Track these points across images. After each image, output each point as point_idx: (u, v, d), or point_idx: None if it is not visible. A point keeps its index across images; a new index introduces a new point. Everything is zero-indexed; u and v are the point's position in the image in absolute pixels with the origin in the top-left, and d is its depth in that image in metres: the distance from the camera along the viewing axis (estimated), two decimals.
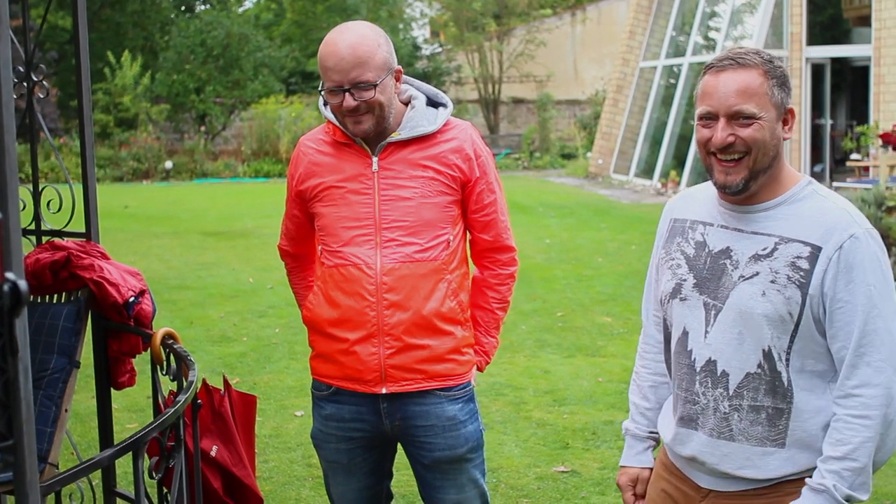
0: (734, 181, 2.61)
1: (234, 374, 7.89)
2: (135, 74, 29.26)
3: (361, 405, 3.42)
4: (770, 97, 2.58)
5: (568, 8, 38.22)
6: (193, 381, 3.18)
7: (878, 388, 2.53)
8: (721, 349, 2.66)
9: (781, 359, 2.60)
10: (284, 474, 5.87)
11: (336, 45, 3.22)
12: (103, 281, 3.90)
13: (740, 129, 2.58)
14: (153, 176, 27.27)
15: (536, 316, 9.92)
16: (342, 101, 3.22)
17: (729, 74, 2.59)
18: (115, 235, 15.41)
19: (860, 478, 2.54)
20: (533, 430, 6.53)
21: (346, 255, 3.33)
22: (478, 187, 3.42)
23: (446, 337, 3.37)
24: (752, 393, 2.63)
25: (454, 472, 3.46)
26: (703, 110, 2.62)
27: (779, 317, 2.58)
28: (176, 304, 10.60)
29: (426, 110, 3.41)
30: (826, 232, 2.56)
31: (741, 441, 2.65)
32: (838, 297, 2.54)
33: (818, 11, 22.12)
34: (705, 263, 2.71)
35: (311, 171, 3.44)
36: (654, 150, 23.81)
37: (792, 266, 2.57)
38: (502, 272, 3.56)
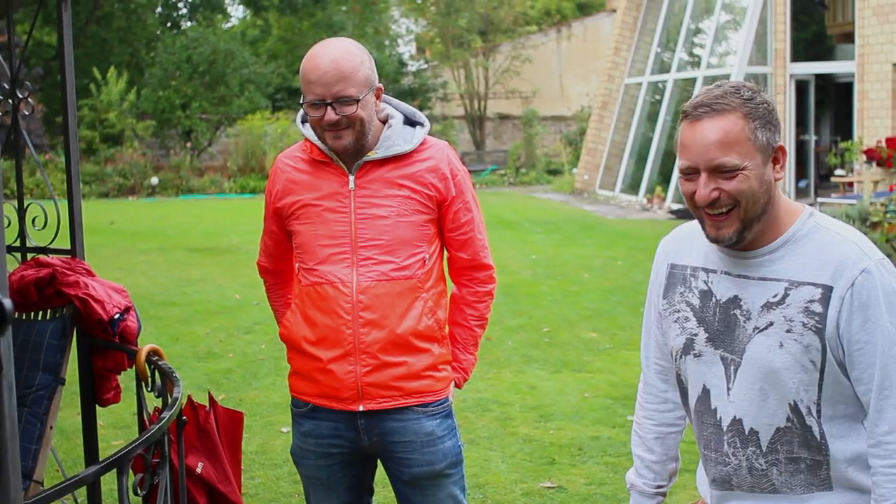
0: (726, 234, 2.46)
1: (220, 390, 7.86)
2: (120, 90, 29.24)
3: (339, 421, 3.41)
4: (753, 142, 2.42)
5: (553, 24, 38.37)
6: (178, 398, 3.17)
7: None
8: (746, 407, 2.52)
9: (812, 412, 2.47)
10: (271, 491, 5.86)
11: (320, 59, 3.23)
12: (88, 298, 3.90)
13: (724, 182, 2.42)
14: (139, 192, 27.23)
15: (522, 331, 9.92)
16: (323, 114, 3.23)
17: (706, 124, 2.41)
18: (100, 251, 15.37)
19: None
20: (519, 446, 6.52)
21: (323, 273, 3.34)
22: (454, 206, 3.43)
23: (423, 354, 3.37)
24: (787, 446, 2.50)
25: (433, 488, 3.45)
26: (683, 164, 2.47)
27: (801, 367, 2.44)
28: (162, 320, 10.57)
29: (403, 129, 3.41)
30: (836, 270, 2.41)
31: (786, 492, 2.54)
32: (855, 338, 2.39)
33: (802, 28, 22.27)
34: (715, 315, 2.57)
35: (289, 188, 3.44)
36: (640, 165, 23.88)
37: (806, 311, 2.42)
38: (480, 290, 3.56)
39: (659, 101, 23.81)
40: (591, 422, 7.02)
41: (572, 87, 35.56)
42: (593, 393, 7.75)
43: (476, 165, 33.06)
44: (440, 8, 34.84)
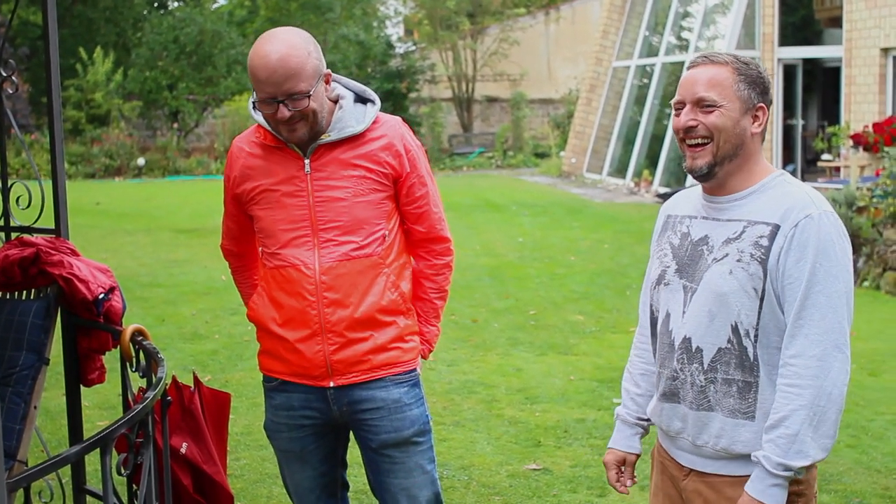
0: (699, 165, 2.79)
1: (206, 371, 7.86)
2: (107, 71, 29.12)
3: (310, 393, 3.49)
4: (735, 90, 2.77)
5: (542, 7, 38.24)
6: (162, 378, 3.17)
7: (812, 360, 2.64)
8: (695, 327, 2.81)
9: (749, 335, 2.73)
10: (256, 472, 5.86)
11: (267, 56, 3.22)
12: (73, 277, 3.89)
13: (703, 115, 2.78)
14: (125, 173, 27.15)
15: (509, 314, 9.93)
16: (276, 111, 3.25)
17: (700, 69, 2.81)
18: (86, 232, 15.32)
19: (795, 445, 2.63)
20: (505, 428, 6.54)
21: (285, 256, 3.40)
22: (409, 181, 3.48)
23: (388, 327, 3.45)
24: (725, 367, 2.77)
25: (401, 456, 3.51)
26: (675, 99, 2.84)
27: (745, 293, 2.72)
28: (147, 301, 10.55)
29: (354, 109, 3.44)
30: (786, 212, 2.72)
31: (718, 411, 2.78)
32: (789, 272, 2.69)
33: (790, 12, 22.23)
34: (686, 251, 2.88)
35: (245, 174, 3.48)
36: (627, 149, 23.88)
37: (755, 245, 2.73)
38: (437, 262, 3.63)
39: (647, 85, 23.78)
40: (576, 404, 7.04)
41: (560, 70, 35.49)
42: (579, 375, 7.76)
43: (464, 148, 33.03)
44: None
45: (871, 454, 6.12)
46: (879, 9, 17.63)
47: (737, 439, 2.76)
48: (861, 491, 5.58)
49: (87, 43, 31.23)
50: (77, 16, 34.31)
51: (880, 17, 17.63)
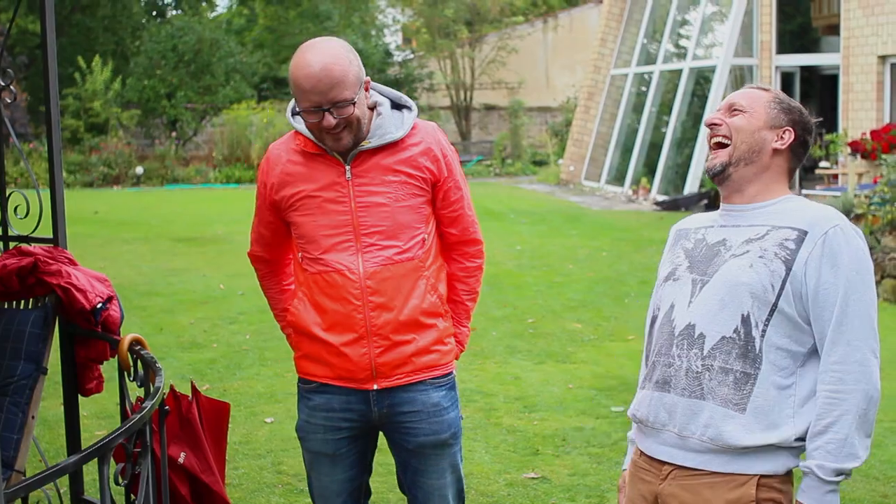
0: (715, 164, 2.94)
1: (204, 380, 7.85)
2: (105, 79, 29.13)
3: (351, 395, 3.52)
4: (766, 107, 2.94)
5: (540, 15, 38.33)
6: (160, 387, 3.17)
7: (854, 365, 2.74)
8: (701, 314, 2.87)
9: (758, 326, 2.80)
10: (254, 481, 5.85)
11: (310, 66, 3.26)
12: (71, 287, 3.89)
13: (729, 116, 2.95)
14: (124, 181, 27.16)
15: (507, 322, 9.93)
16: (321, 119, 3.29)
17: (745, 89, 3.02)
18: (84, 241, 15.32)
19: (845, 449, 2.70)
20: (503, 437, 6.53)
21: (328, 261, 3.44)
22: (445, 185, 3.54)
23: (430, 329, 3.52)
24: (724, 356, 2.82)
25: (436, 457, 3.59)
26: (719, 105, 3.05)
27: (762, 287, 2.79)
28: (146, 310, 10.54)
29: (392, 115, 3.49)
30: (813, 220, 2.81)
31: (709, 400, 2.82)
32: (823, 279, 2.76)
33: (788, 20, 22.26)
34: (701, 251, 2.97)
35: (285, 180, 3.50)
36: (625, 157, 23.90)
37: (780, 245, 2.81)
38: (470, 265, 3.69)
39: (645, 93, 23.81)
40: (574, 412, 7.03)
41: (558, 78, 35.55)
42: (577, 384, 7.76)
43: (462, 156, 33.04)
44: None
45: (868, 461, 6.11)
46: (877, 16, 17.66)
47: (724, 430, 2.79)
48: (859, 499, 5.57)
49: (85, 52, 31.27)
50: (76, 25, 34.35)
51: (878, 24, 17.66)
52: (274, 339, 9.14)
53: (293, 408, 7.30)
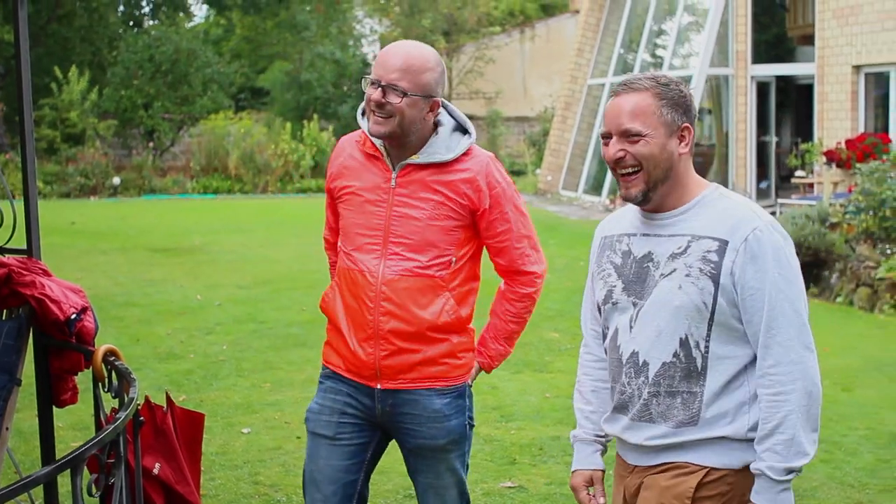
0: (633, 193, 2.89)
1: (181, 391, 7.84)
2: (82, 90, 28.99)
3: (359, 388, 3.66)
4: (658, 116, 2.85)
5: (517, 25, 38.40)
6: (134, 398, 3.16)
7: (790, 365, 2.78)
8: (641, 341, 2.91)
9: (700, 346, 2.84)
10: (230, 492, 5.84)
11: (396, 46, 3.53)
12: (45, 298, 3.88)
13: (630, 145, 2.85)
14: (101, 192, 27.03)
15: None
16: (373, 94, 3.46)
17: (622, 97, 2.88)
18: (61, 252, 15.25)
19: (793, 448, 2.75)
20: (480, 446, 6.53)
21: (356, 259, 3.61)
22: (489, 216, 3.62)
23: (441, 343, 3.61)
24: (669, 380, 2.87)
25: (433, 460, 3.69)
26: (602, 130, 2.93)
27: (694, 307, 2.82)
28: (122, 320, 10.51)
29: (450, 137, 3.60)
30: (732, 227, 2.82)
31: (660, 423, 2.89)
32: (748, 285, 2.79)
33: (763, 30, 22.40)
34: (631, 269, 2.96)
35: (341, 172, 3.71)
36: (603, 166, 23.92)
37: (703, 259, 2.82)
38: (518, 290, 3.75)
39: None
40: (551, 422, 7.05)
41: (536, 88, 35.61)
42: (554, 393, 7.78)
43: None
44: (404, 8, 34.83)
45: (844, 469, 6.15)
46: (851, 27, 17.80)
47: (678, 440, 2.87)
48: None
49: (62, 62, 31.10)
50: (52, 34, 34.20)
51: (852, 34, 17.79)
52: (251, 350, 9.13)
53: (270, 418, 7.31)
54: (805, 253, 12.05)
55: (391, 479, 5.93)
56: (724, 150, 22.03)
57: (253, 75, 36.03)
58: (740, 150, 21.40)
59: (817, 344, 2.88)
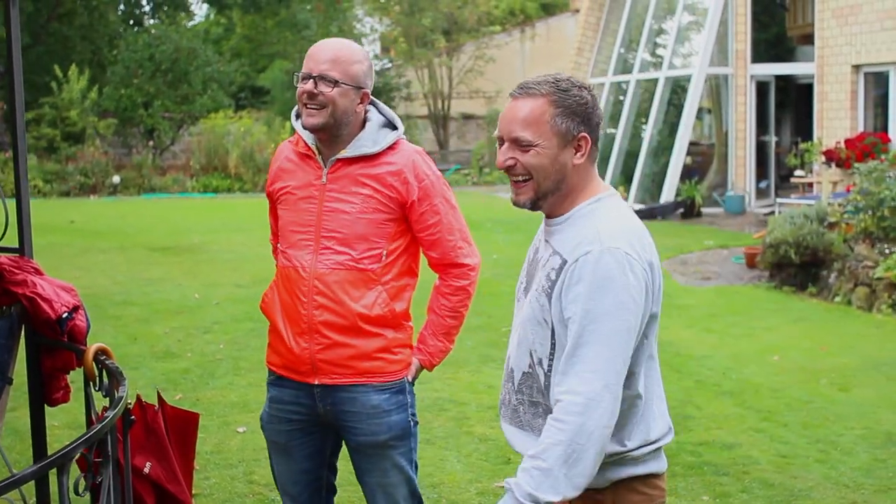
0: (522, 200, 2.83)
1: (178, 389, 7.84)
2: (82, 88, 29.01)
3: (299, 389, 3.73)
4: (551, 126, 2.74)
5: (517, 24, 38.41)
6: (123, 397, 3.16)
7: (579, 397, 2.61)
8: (512, 350, 2.94)
9: (542, 364, 2.79)
10: (225, 491, 5.84)
11: (325, 42, 3.66)
12: (36, 297, 3.87)
13: (520, 154, 2.77)
14: (100, 191, 27.05)
15: (482, 331, 9.94)
16: (305, 85, 3.56)
17: (518, 102, 2.78)
18: (60, 250, 15.27)
19: (547, 480, 2.58)
20: (475, 446, 6.54)
21: (290, 256, 3.70)
22: (418, 209, 3.67)
23: (375, 338, 3.65)
24: (529, 390, 2.86)
25: (377, 457, 3.72)
26: (496, 133, 2.87)
27: (537, 322, 2.79)
28: (120, 319, 10.50)
29: (377, 132, 3.68)
30: (574, 247, 2.73)
31: (528, 431, 2.86)
32: (566, 307, 2.70)
33: (763, 29, 22.40)
34: (531, 267, 2.94)
35: (278, 175, 3.81)
36: (602, 165, 23.94)
37: (547, 276, 2.78)
38: (453, 284, 3.81)
39: (622, 102, 23.89)
40: None
41: None
42: None
43: (439, 165, 33.02)
44: (404, 7, 34.83)
45: (839, 469, 6.15)
46: (850, 26, 17.79)
47: None
48: None
49: (62, 60, 31.11)
50: (52, 33, 34.21)
51: (851, 34, 17.79)
52: (248, 349, 9.12)
53: None
54: (803, 253, 12.05)
55: None
56: (723, 149, 22.04)
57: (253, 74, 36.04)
58: (740, 149, 21.40)
59: (815, 342, 2.86)
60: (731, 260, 14.76)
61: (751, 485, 5.89)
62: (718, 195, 21.50)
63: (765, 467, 6.16)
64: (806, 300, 11.82)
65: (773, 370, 8.46)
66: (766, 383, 8.04)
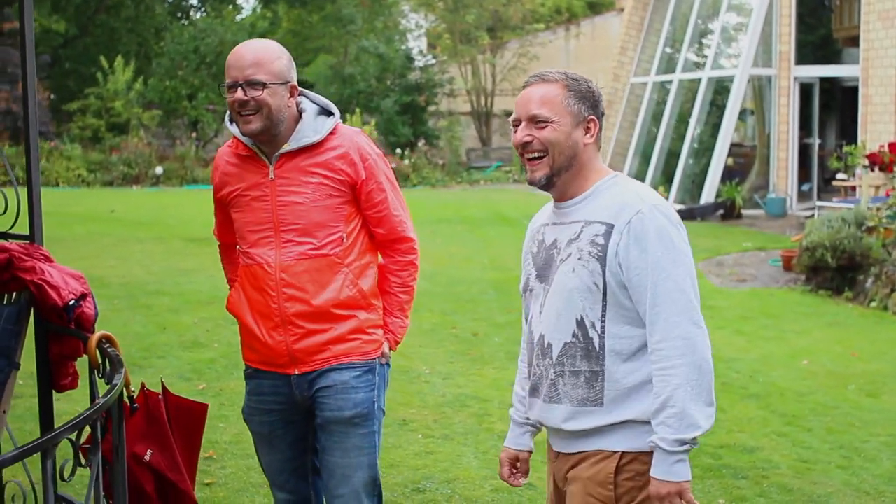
0: (538, 177, 3.04)
1: (202, 379, 7.87)
2: (127, 80, 29.29)
3: (277, 380, 3.81)
4: (566, 106, 3.02)
5: (562, 22, 38.29)
6: (117, 384, 3.17)
7: (676, 340, 2.88)
8: (546, 324, 3.05)
9: (595, 327, 2.97)
10: (240, 481, 5.85)
11: (241, 48, 3.66)
12: (44, 283, 3.89)
13: (537, 131, 3.01)
14: (143, 181, 27.29)
15: (510, 328, 9.90)
16: (235, 95, 3.59)
17: (533, 87, 3.06)
18: (100, 240, 15.42)
19: (684, 420, 2.85)
20: (493, 443, 6.51)
21: (253, 255, 3.76)
22: (366, 187, 3.76)
23: (348, 320, 3.74)
24: (571, 360, 3.00)
25: (340, 435, 3.76)
26: (513, 117, 3.09)
27: (587, 288, 2.95)
28: (151, 308, 10.57)
29: (314, 121, 3.75)
30: (617, 211, 2.96)
31: (566, 403, 3.02)
32: (633, 265, 2.91)
33: (810, 31, 22.18)
34: (542, 256, 3.12)
35: (224, 180, 3.86)
36: (644, 165, 23.84)
37: (592, 242, 2.96)
38: (401, 259, 3.92)
39: (664, 101, 23.75)
40: None
41: None
42: None
43: (481, 162, 33.07)
44: (448, 4, 34.82)
45: (861, 476, 6.07)
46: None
47: (585, 422, 2.99)
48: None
49: (108, 52, 31.43)
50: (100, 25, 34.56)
51: None
52: None
53: None
54: (840, 256, 11.91)
55: (401, 473, 5.93)
56: (765, 151, 21.85)
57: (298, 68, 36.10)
58: (781, 151, 21.20)
59: (847, 347, 2.92)
60: (768, 263, 14.62)
61: (769, 489, 5.82)
62: (759, 197, 21.32)
63: (785, 472, 6.09)
64: (841, 304, 11.68)
65: (801, 374, 8.37)
66: (792, 387, 7.95)
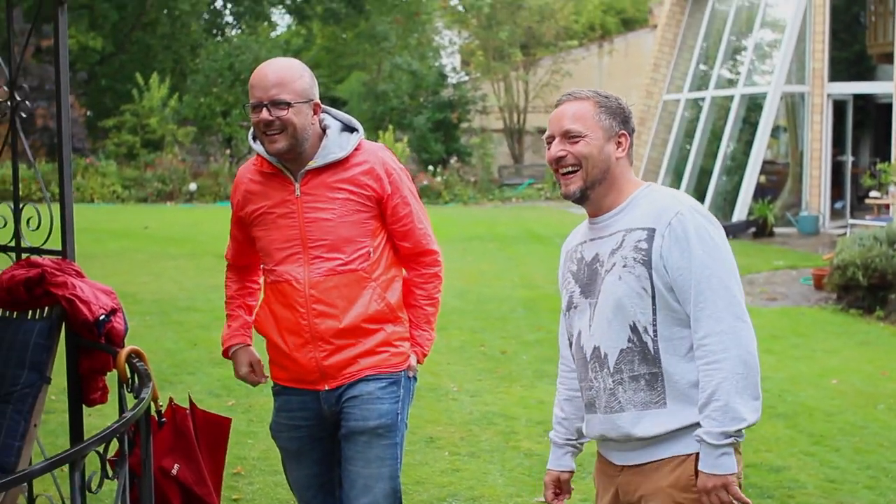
0: (572, 191, 3.11)
1: (231, 395, 7.93)
2: (162, 96, 29.53)
3: (306, 396, 3.83)
4: (598, 121, 3.10)
5: (595, 39, 38.28)
6: (144, 398, 3.22)
7: (721, 335, 2.93)
8: (599, 335, 3.10)
9: (648, 331, 3.02)
10: (268, 497, 5.89)
11: (264, 68, 3.70)
12: (75, 298, 3.97)
13: (570, 145, 3.09)
14: (177, 198, 27.48)
15: (539, 346, 9.91)
16: (260, 115, 3.62)
17: (565, 105, 3.14)
18: (132, 256, 15.54)
19: (729, 413, 2.90)
20: (520, 460, 6.52)
21: (280, 272, 3.75)
22: (392, 202, 3.79)
23: (376, 333, 3.77)
24: (629, 365, 3.04)
25: (363, 445, 3.77)
26: (546, 134, 3.17)
27: (636, 293, 3.01)
28: (182, 325, 10.65)
29: (339, 137, 3.78)
30: (657, 215, 3.03)
31: (630, 409, 3.06)
32: (676, 265, 2.98)
33: (844, 48, 22.09)
34: (584, 273, 3.17)
35: (247, 198, 3.86)
36: (676, 182, 23.76)
37: (635, 249, 3.03)
38: (426, 272, 3.95)
39: (697, 118, 23.70)
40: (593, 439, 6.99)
41: None
42: None
43: (513, 179, 33.08)
44: (482, 20, 34.90)
45: (888, 496, 6.04)
46: None
47: (652, 425, 3.03)
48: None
49: (144, 69, 31.71)
50: (136, 42, 34.88)
51: None
52: None
53: None
54: (871, 275, 11.84)
55: (427, 490, 5.95)
56: (798, 169, 21.75)
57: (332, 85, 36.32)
58: (814, 169, 21.09)
59: (877, 366, 2.93)
60: (799, 281, 14.55)
61: None
62: (792, 215, 21.22)
63: (811, 492, 6.07)
64: (872, 323, 11.61)
65: (830, 394, 8.33)
66: (821, 407, 7.92)
